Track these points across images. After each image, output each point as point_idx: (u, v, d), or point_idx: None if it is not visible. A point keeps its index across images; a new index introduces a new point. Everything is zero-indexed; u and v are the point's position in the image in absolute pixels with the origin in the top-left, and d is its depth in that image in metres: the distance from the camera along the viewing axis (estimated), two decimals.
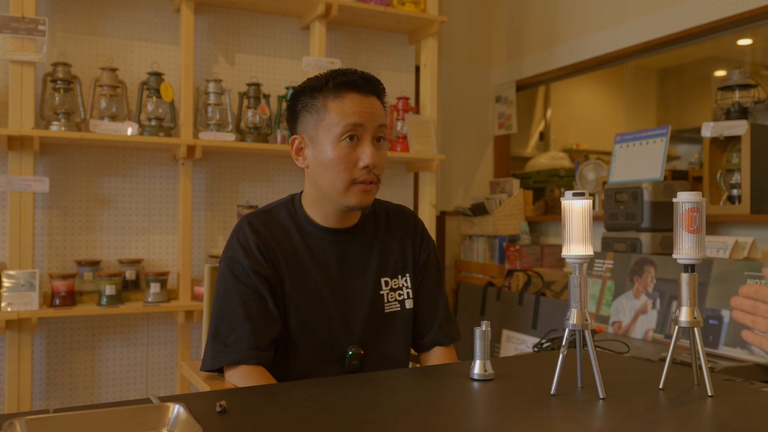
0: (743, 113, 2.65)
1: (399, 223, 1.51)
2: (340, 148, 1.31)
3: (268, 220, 1.41)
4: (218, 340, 1.32)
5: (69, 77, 2.59)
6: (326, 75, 1.35)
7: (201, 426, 0.79)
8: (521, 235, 3.58)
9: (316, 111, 1.34)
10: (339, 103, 1.32)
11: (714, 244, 2.34)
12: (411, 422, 0.88)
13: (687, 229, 1.04)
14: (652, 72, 5.07)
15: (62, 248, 2.71)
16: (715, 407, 0.98)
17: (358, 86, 1.34)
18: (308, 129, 1.36)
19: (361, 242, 1.44)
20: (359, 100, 1.33)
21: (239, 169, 3.02)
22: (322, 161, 1.33)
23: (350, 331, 1.38)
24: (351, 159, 1.32)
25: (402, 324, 1.44)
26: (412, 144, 3.09)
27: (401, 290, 1.45)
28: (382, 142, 1.37)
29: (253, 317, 1.31)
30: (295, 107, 1.40)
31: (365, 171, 1.32)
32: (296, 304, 1.35)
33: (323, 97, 1.34)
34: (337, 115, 1.31)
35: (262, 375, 1.29)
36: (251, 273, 1.33)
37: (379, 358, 1.41)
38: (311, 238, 1.40)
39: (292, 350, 1.36)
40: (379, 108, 1.38)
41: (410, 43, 3.39)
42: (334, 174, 1.32)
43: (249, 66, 3.04)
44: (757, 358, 1.88)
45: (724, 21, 2.79)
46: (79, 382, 2.74)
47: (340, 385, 1.07)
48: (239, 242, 1.36)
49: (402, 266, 1.47)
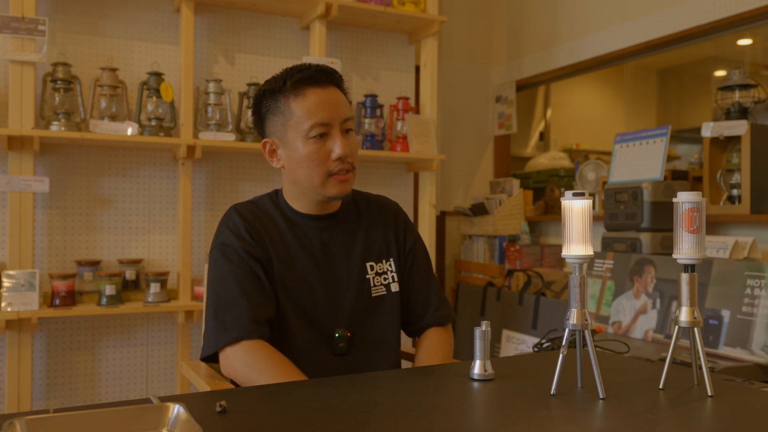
0: (743, 113, 2.65)
1: (381, 211, 1.54)
2: (310, 145, 1.34)
3: (254, 209, 1.44)
4: (218, 319, 1.32)
5: (69, 77, 2.59)
6: (283, 75, 1.37)
7: (201, 426, 0.79)
8: (521, 235, 3.58)
9: (281, 112, 1.37)
10: (301, 101, 1.34)
11: (714, 244, 2.34)
12: (411, 422, 0.88)
13: (687, 229, 1.04)
14: (652, 72, 5.07)
15: (62, 248, 2.71)
16: (715, 407, 0.98)
17: (316, 80, 1.36)
18: (277, 131, 1.39)
19: (344, 228, 1.47)
20: (320, 94, 1.35)
21: (239, 169, 3.02)
22: (296, 159, 1.37)
23: (338, 315, 1.40)
24: (323, 153, 1.35)
25: (389, 307, 1.47)
26: (412, 144, 3.09)
27: (386, 274, 1.48)
28: (350, 133, 1.40)
29: (249, 295, 1.32)
30: (259, 111, 1.42)
31: (339, 162, 1.35)
32: (286, 288, 1.37)
33: (284, 97, 1.36)
34: (302, 113, 1.34)
35: (265, 348, 1.30)
36: (243, 254, 1.36)
37: (367, 340, 1.43)
38: (295, 225, 1.43)
39: (284, 333, 1.37)
40: (341, 99, 1.39)
41: (410, 43, 3.39)
42: (310, 170, 1.36)
43: (249, 66, 3.04)
44: (757, 358, 1.88)
45: (724, 21, 2.79)
46: (79, 382, 2.74)
47: (340, 385, 1.07)
48: (228, 228, 1.40)
49: (386, 251, 1.49)
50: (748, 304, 1.96)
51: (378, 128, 3.10)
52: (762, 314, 1.92)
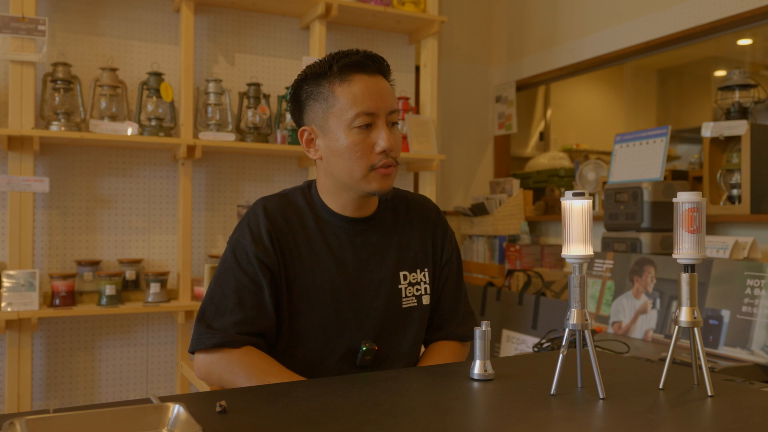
0: (743, 113, 2.65)
1: (420, 215, 1.44)
2: (353, 135, 1.25)
3: (283, 205, 1.34)
4: (203, 322, 1.26)
5: (69, 77, 2.59)
6: (329, 58, 1.28)
7: (201, 426, 0.79)
8: (521, 235, 3.58)
9: (324, 98, 1.27)
10: (347, 87, 1.25)
11: (714, 244, 2.34)
12: (411, 422, 0.88)
13: (687, 229, 1.04)
14: (652, 72, 5.07)
15: (62, 248, 2.71)
16: (715, 407, 0.98)
17: (364, 66, 1.27)
18: (317, 118, 1.29)
19: (379, 232, 1.37)
20: (367, 81, 1.26)
21: (239, 169, 3.02)
22: (336, 150, 1.27)
23: (363, 326, 1.32)
24: (366, 144, 1.26)
25: (418, 320, 1.38)
26: (412, 144, 3.09)
27: (419, 285, 1.39)
28: (395, 126, 1.31)
29: (244, 307, 1.25)
30: (299, 97, 1.32)
31: (383, 155, 1.26)
32: (308, 294, 1.29)
33: (329, 83, 1.27)
34: (347, 100, 1.25)
35: (250, 353, 1.23)
36: (254, 260, 1.27)
37: (392, 354, 1.35)
38: (327, 225, 1.34)
39: (299, 342, 1.30)
40: (388, 89, 1.30)
41: (410, 43, 3.39)
42: (351, 162, 1.26)
43: (249, 66, 3.04)
44: (757, 358, 1.88)
45: (724, 21, 2.79)
46: (79, 382, 2.74)
47: (340, 385, 1.07)
48: (249, 226, 1.30)
49: (422, 260, 1.40)
50: (748, 304, 1.96)
51: None
52: (762, 314, 1.92)
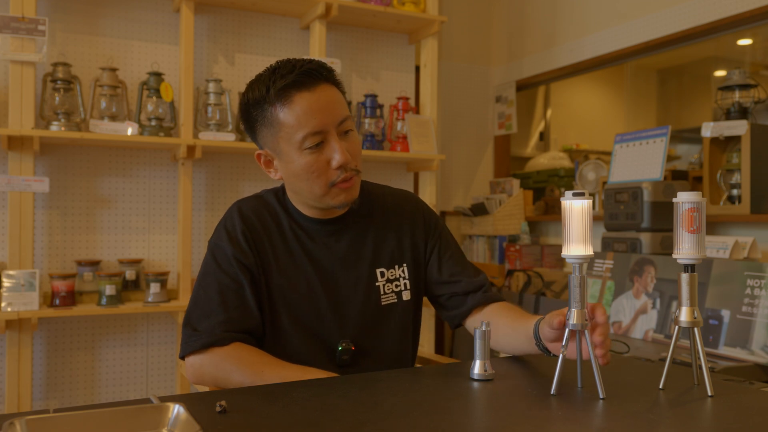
0: (743, 113, 2.65)
1: (396, 211, 1.42)
2: (306, 156, 1.22)
3: (258, 207, 1.35)
4: (189, 326, 1.26)
5: (69, 77, 2.59)
6: (266, 80, 1.23)
7: (201, 426, 0.79)
8: (521, 235, 3.58)
9: (270, 124, 1.24)
10: (289, 109, 1.21)
11: (714, 244, 2.34)
12: (411, 422, 0.88)
13: (687, 229, 1.04)
14: (652, 72, 5.07)
15: (62, 248, 2.71)
16: (715, 407, 0.98)
17: (302, 84, 1.21)
18: (269, 142, 1.27)
19: (353, 231, 1.36)
20: (308, 99, 1.21)
21: (239, 169, 3.02)
22: (293, 172, 1.25)
23: (343, 325, 1.31)
24: (321, 163, 1.23)
25: (399, 317, 1.37)
26: (412, 144, 3.09)
27: (398, 281, 1.37)
28: (350, 134, 1.26)
29: (228, 307, 1.25)
30: (248, 121, 1.29)
31: (341, 170, 1.23)
32: (285, 295, 1.29)
33: (271, 107, 1.22)
34: (292, 123, 1.21)
35: (239, 348, 1.23)
36: (233, 261, 1.27)
37: (374, 353, 1.34)
38: (300, 228, 1.34)
39: (282, 343, 1.29)
40: (335, 97, 1.24)
41: (410, 43, 3.39)
42: (310, 182, 1.24)
43: (249, 66, 3.04)
44: (757, 358, 1.88)
45: (724, 21, 2.79)
46: (79, 382, 2.74)
47: (340, 385, 1.07)
48: (225, 229, 1.32)
49: (399, 256, 1.38)
50: (748, 304, 1.96)
51: (378, 128, 3.10)
52: (762, 314, 1.92)
